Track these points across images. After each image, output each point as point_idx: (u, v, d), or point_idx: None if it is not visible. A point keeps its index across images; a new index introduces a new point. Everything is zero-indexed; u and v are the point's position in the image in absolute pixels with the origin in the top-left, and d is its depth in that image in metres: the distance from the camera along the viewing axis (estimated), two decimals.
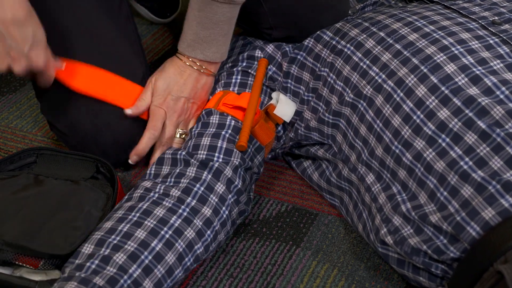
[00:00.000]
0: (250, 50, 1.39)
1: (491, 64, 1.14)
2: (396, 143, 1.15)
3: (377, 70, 1.21)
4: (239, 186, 1.23)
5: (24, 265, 1.15)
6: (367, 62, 1.23)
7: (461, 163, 1.07)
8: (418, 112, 1.14)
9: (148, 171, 1.24)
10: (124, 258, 1.07)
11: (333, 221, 1.31)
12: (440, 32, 1.20)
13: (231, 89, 1.35)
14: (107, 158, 1.32)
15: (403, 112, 1.15)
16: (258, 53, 1.38)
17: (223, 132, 1.27)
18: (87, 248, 1.10)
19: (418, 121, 1.13)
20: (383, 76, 1.20)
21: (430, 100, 1.13)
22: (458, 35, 1.19)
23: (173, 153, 1.24)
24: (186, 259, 1.13)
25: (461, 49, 1.16)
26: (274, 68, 1.38)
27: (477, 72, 1.13)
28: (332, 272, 1.22)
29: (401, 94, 1.16)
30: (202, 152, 1.24)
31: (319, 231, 1.29)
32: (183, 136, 1.34)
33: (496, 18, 1.24)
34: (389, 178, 1.17)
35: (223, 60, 1.32)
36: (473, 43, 1.17)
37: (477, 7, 1.27)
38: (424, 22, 1.23)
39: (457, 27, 1.21)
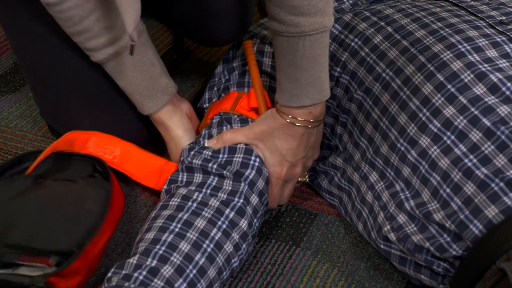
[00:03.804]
0: (258, 45, 1.38)
1: (497, 62, 1.15)
2: (401, 140, 1.16)
3: (384, 67, 1.22)
4: (266, 195, 1.23)
5: (32, 264, 1.14)
6: (374, 57, 1.24)
7: (465, 160, 1.07)
8: (424, 110, 1.14)
9: (179, 178, 1.21)
10: (171, 272, 1.06)
11: (333, 221, 1.31)
12: (447, 29, 1.21)
13: (245, 90, 1.34)
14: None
15: (409, 109, 1.16)
16: (267, 48, 1.38)
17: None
18: (133, 259, 1.08)
19: (424, 118, 1.14)
20: (390, 73, 1.20)
21: (436, 98, 1.14)
22: (466, 32, 1.20)
23: (203, 164, 1.21)
24: (224, 273, 1.13)
25: (468, 47, 1.17)
26: None
27: (483, 69, 1.13)
28: (332, 272, 1.22)
29: (408, 92, 1.17)
30: (239, 155, 1.22)
31: (319, 231, 1.29)
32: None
33: (504, 17, 1.24)
34: (393, 176, 1.17)
35: (327, 98, 1.21)
36: (480, 40, 1.18)
37: (484, 6, 1.28)
38: (432, 19, 1.24)
39: (465, 25, 1.22)
